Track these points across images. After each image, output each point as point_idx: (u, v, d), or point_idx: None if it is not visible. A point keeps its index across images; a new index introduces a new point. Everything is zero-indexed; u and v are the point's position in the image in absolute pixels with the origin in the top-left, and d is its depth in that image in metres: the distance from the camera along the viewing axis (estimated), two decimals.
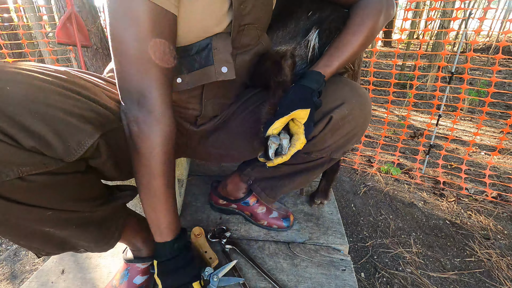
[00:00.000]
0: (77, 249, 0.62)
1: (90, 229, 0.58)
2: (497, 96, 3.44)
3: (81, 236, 0.57)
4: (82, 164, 0.51)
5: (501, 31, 5.88)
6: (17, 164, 0.40)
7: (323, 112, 0.65)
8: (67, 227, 0.53)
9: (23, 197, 0.44)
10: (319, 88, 0.61)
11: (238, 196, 1.02)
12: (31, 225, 0.49)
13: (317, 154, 0.73)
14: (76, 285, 0.81)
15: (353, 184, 1.79)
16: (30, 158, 0.41)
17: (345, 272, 0.86)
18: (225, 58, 0.63)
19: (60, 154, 0.44)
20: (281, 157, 0.60)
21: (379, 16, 0.66)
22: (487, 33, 7.85)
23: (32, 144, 0.41)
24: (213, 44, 0.61)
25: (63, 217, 0.51)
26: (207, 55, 0.62)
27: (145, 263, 0.77)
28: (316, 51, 0.71)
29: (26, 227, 0.48)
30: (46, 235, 0.52)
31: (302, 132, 0.58)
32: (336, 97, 0.65)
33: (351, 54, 0.65)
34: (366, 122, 0.69)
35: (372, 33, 0.66)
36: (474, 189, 1.76)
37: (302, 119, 0.58)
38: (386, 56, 6.37)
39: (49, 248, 0.56)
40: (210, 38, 0.61)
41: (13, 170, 0.40)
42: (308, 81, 0.61)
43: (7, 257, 1.26)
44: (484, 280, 1.15)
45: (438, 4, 3.60)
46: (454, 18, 1.73)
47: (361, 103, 0.65)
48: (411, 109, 1.96)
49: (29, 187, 0.43)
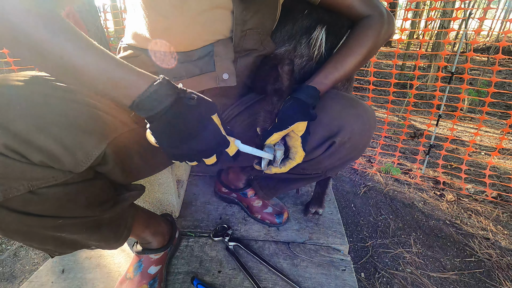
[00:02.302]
0: (89, 247, 0.63)
1: (101, 231, 0.59)
2: (497, 96, 3.44)
3: (92, 237, 0.58)
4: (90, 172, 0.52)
5: (501, 31, 5.88)
6: (26, 179, 0.41)
7: (326, 136, 0.64)
8: (78, 231, 0.54)
9: (34, 209, 0.45)
10: (314, 103, 0.61)
11: (238, 186, 1.08)
12: (43, 232, 0.49)
13: (313, 171, 0.74)
14: (76, 285, 0.81)
15: (353, 184, 1.79)
16: (39, 172, 0.42)
17: (345, 272, 0.86)
18: (227, 65, 0.63)
19: (68, 167, 0.44)
20: (279, 168, 0.60)
21: (379, 37, 0.67)
22: (487, 33, 7.85)
23: (40, 159, 0.41)
24: (215, 51, 0.62)
25: (74, 223, 0.52)
26: (208, 61, 0.62)
27: (158, 253, 0.80)
28: (323, 49, 0.71)
29: (38, 234, 0.49)
30: (58, 239, 0.53)
31: (299, 145, 0.58)
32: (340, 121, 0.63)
33: (348, 72, 0.66)
34: (364, 147, 0.68)
35: (370, 53, 0.68)
36: (474, 189, 1.76)
37: (300, 131, 0.58)
38: (386, 56, 6.37)
39: (61, 249, 0.57)
40: (212, 45, 0.61)
41: (23, 184, 0.41)
42: (304, 96, 0.60)
43: (7, 257, 1.26)
44: (484, 280, 1.15)
45: (438, 4, 3.60)
46: (454, 18, 1.73)
47: (363, 130, 0.63)
48: (411, 109, 1.95)
49: (39, 200, 0.44)
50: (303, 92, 0.61)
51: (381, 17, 0.68)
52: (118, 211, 0.62)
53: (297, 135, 0.58)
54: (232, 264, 0.87)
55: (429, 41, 4.31)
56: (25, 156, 0.40)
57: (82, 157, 0.45)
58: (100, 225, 0.58)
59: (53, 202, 0.46)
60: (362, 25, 0.68)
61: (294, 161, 0.60)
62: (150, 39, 0.61)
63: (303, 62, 0.73)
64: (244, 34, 0.64)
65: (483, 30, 1.87)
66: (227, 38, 0.62)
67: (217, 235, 0.95)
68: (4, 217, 0.43)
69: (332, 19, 0.71)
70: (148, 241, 0.79)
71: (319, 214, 1.09)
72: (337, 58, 0.66)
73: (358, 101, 0.65)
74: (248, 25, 0.63)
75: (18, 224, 0.45)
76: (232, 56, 0.63)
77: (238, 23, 0.61)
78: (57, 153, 0.42)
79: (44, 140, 0.41)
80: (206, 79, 0.63)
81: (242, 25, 0.62)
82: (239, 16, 0.60)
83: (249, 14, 0.62)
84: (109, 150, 0.50)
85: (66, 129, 0.43)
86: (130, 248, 0.93)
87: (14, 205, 0.42)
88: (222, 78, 0.63)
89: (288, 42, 0.73)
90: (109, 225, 0.61)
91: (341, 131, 0.62)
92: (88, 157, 0.46)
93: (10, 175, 0.39)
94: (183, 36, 0.59)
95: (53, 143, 0.42)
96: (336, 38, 0.71)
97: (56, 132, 0.42)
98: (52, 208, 0.47)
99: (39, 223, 0.47)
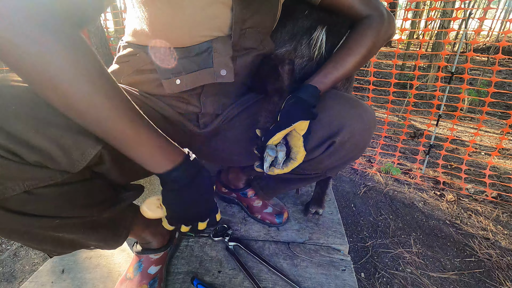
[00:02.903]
0: (88, 247, 0.63)
1: (99, 231, 0.59)
2: (497, 96, 3.44)
3: (90, 237, 0.58)
4: (86, 172, 0.52)
5: (501, 31, 5.88)
6: (22, 179, 0.41)
7: (326, 135, 0.64)
8: (76, 231, 0.54)
9: (31, 209, 0.45)
10: (314, 103, 0.61)
11: (238, 186, 1.07)
12: (41, 232, 0.49)
13: (312, 171, 0.74)
14: (76, 285, 0.81)
15: (353, 184, 1.79)
16: (35, 172, 0.42)
17: (345, 272, 0.86)
18: (225, 61, 0.63)
19: (64, 167, 0.44)
20: (281, 169, 0.60)
21: (379, 37, 0.67)
22: (487, 33, 7.85)
23: (36, 159, 0.41)
24: (213, 47, 0.61)
25: (72, 223, 0.52)
26: (207, 58, 0.62)
27: (158, 253, 0.80)
28: (323, 50, 0.71)
29: (36, 234, 0.49)
30: (56, 239, 0.53)
31: (301, 144, 0.58)
32: (340, 121, 0.63)
33: (347, 72, 0.66)
34: (365, 147, 0.68)
35: (370, 53, 0.68)
36: (474, 189, 1.76)
37: (302, 130, 0.58)
38: (386, 56, 6.37)
39: (60, 249, 0.57)
40: (211, 41, 0.61)
41: (19, 185, 0.41)
42: (305, 95, 0.61)
43: (7, 257, 1.26)
44: (484, 280, 1.15)
45: (438, 4, 3.60)
46: (454, 18, 1.73)
47: (363, 130, 0.63)
48: (411, 109, 1.95)
49: (36, 200, 0.44)
50: (304, 91, 0.62)
51: (381, 17, 0.68)
52: (117, 211, 0.62)
53: (299, 134, 0.58)
54: (232, 264, 0.87)
55: (429, 41, 4.31)
56: (20, 156, 0.40)
57: (78, 157, 0.45)
58: (99, 225, 0.58)
59: (50, 202, 0.46)
60: (362, 25, 0.68)
61: (296, 162, 0.60)
62: (149, 35, 0.61)
63: (304, 63, 0.73)
64: (244, 33, 0.64)
65: (483, 30, 1.87)
66: (226, 36, 0.62)
67: (217, 235, 0.95)
68: (1, 217, 0.42)
69: (332, 20, 0.71)
70: (148, 241, 0.79)
71: (319, 214, 1.08)
72: (337, 58, 0.66)
73: (358, 101, 0.65)
74: (248, 23, 0.63)
75: (15, 224, 0.45)
76: (230, 53, 0.63)
77: (238, 21, 0.61)
78: (53, 153, 0.42)
79: (39, 140, 0.41)
80: (204, 74, 0.63)
81: (241, 23, 0.62)
82: (239, 15, 0.60)
83: (249, 13, 0.62)
84: (105, 150, 0.50)
85: (62, 129, 0.43)
86: (130, 248, 0.93)
87: (11, 205, 0.42)
88: (220, 74, 0.63)
89: (288, 42, 0.73)
90: (108, 225, 0.61)
91: (341, 131, 0.62)
92: (84, 157, 0.46)
93: (5, 175, 0.39)
94: (181, 31, 0.59)
95: (48, 143, 0.41)
96: (336, 39, 0.71)
97: (52, 132, 0.42)
98: (49, 208, 0.47)
99: (37, 223, 0.46)
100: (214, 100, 0.72)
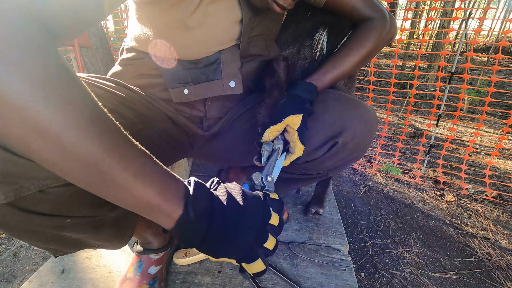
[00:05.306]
0: (92, 247, 0.63)
1: (105, 231, 0.59)
2: (497, 96, 3.44)
3: (96, 237, 0.58)
4: None
5: (501, 31, 5.88)
6: (38, 178, 0.41)
7: (329, 136, 0.64)
8: (83, 231, 0.54)
9: (44, 209, 0.45)
10: (311, 98, 0.61)
11: None
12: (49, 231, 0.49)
13: (315, 171, 0.74)
14: (76, 285, 0.81)
15: (353, 184, 1.79)
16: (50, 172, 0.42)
17: (345, 272, 0.86)
18: (234, 73, 0.64)
19: None
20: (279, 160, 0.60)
21: (380, 39, 0.68)
22: (487, 33, 7.85)
23: None
24: (222, 59, 0.62)
25: (80, 223, 0.52)
26: (215, 69, 0.62)
27: (158, 253, 0.80)
28: (324, 51, 0.72)
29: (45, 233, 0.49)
30: (63, 239, 0.53)
31: (297, 138, 0.58)
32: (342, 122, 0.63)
33: (346, 71, 0.67)
34: (366, 148, 0.69)
35: (370, 54, 0.68)
36: (474, 189, 1.76)
37: (295, 125, 0.58)
38: (386, 56, 6.37)
39: (65, 248, 0.57)
40: (219, 52, 0.62)
41: (34, 184, 0.41)
42: (300, 91, 0.61)
43: (7, 257, 1.26)
44: (484, 280, 1.15)
45: (438, 4, 3.60)
46: (454, 18, 1.73)
47: (365, 131, 0.64)
48: (411, 109, 1.96)
49: (49, 199, 0.44)
50: (298, 87, 0.62)
51: (383, 19, 0.68)
52: (123, 210, 0.62)
53: (293, 129, 0.58)
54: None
55: (429, 41, 4.31)
56: None
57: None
58: (105, 224, 0.58)
59: (63, 201, 0.46)
60: (364, 26, 0.68)
61: (294, 155, 0.60)
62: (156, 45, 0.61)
63: (306, 64, 0.74)
64: (251, 41, 0.64)
65: (483, 30, 1.87)
66: (234, 45, 0.63)
67: None
68: (14, 216, 0.42)
69: (334, 21, 0.72)
70: (149, 241, 0.79)
71: (319, 214, 1.08)
72: (336, 58, 0.67)
73: (360, 102, 0.66)
74: (255, 31, 0.63)
75: (27, 224, 0.45)
76: (238, 63, 0.63)
77: (246, 31, 0.61)
78: None
79: None
80: (213, 86, 0.64)
81: (249, 32, 0.62)
82: (247, 24, 0.61)
83: (257, 21, 0.62)
84: None
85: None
86: (130, 248, 0.93)
87: (24, 204, 0.42)
88: (229, 86, 0.64)
89: (292, 44, 0.74)
90: (114, 225, 0.62)
91: (344, 132, 0.62)
92: None
93: (21, 174, 0.39)
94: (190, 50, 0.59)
95: None
96: (337, 40, 0.72)
97: None
98: (61, 208, 0.47)
99: (48, 222, 0.47)
100: (219, 105, 0.73)
